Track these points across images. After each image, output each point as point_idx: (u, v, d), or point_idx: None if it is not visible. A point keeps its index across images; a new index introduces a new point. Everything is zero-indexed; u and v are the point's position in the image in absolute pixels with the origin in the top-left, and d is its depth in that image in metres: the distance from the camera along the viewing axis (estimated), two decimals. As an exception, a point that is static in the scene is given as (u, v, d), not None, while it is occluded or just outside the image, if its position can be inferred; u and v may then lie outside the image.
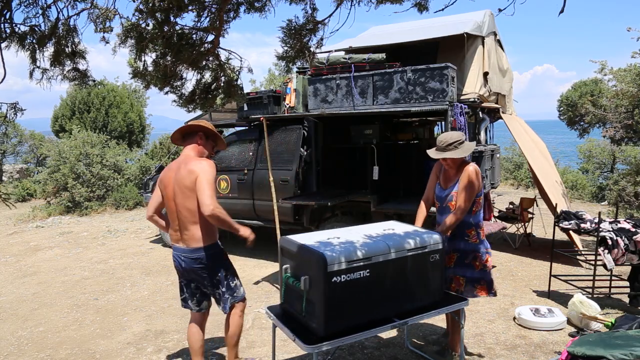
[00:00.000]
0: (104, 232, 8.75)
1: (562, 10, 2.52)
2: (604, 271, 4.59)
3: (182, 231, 2.97)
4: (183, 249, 2.98)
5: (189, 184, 2.85)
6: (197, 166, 2.86)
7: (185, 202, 2.89)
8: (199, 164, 2.88)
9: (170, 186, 2.98)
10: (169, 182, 2.99)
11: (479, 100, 5.57)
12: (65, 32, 2.62)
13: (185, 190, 2.88)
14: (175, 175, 2.94)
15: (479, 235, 3.35)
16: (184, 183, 2.87)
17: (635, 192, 9.40)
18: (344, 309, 2.64)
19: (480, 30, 5.65)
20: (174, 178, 2.96)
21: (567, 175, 13.62)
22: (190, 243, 2.95)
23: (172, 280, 5.72)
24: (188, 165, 2.89)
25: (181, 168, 2.93)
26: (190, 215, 2.90)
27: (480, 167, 5.58)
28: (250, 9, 2.71)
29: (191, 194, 2.86)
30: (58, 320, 4.57)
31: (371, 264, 2.69)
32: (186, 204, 2.89)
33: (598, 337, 2.92)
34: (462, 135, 3.31)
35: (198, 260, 2.95)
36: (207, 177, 2.81)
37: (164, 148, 14.34)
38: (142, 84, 2.78)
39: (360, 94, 5.53)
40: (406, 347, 3.76)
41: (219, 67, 2.82)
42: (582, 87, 20.17)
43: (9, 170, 16.58)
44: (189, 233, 2.94)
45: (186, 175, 2.86)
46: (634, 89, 7.69)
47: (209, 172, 2.84)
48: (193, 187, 2.83)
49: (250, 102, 6.19)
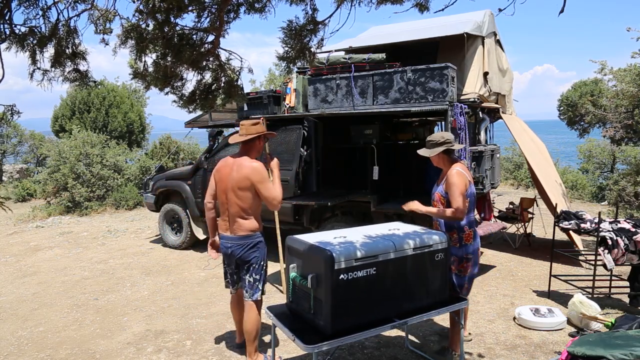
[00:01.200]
0: (104, 232, 8.75)
1: (562, 10, 2.52)
2: (604, 271, 4.59)
3: (230, 222, 3.40)
4: (230, 237, 3.41)
5: (242, 187, 3.29)
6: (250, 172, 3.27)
7: (237, 200, 3.32)
8: (253, 169, 3.29)
9: (225, 182, 3.38)
10: (224, 178, 3.39)
11: (479, 100, 5.57)
12: (65, 33, 2.62)
13: (237, 191, 3.31)
14: (230, 174, 3.35)
15: (461, 240, 3.30)
16: (236, 186, 3.31)
17: (635, 192, 9.40)
18: (350, 307, 2.66)
19: (480, 30, 5.65)
20: (229, 176, 3.35)
21: (567, 175, 13.62)
22: (237, 232, 3.38)
23: (172, 280, 5.73)
24: (242, 171, 3.29)
25: (234, 170, 3.34)
26: (240, 210, 3.34)
27: (480, 167, 5.59)
28: (250, 10, 2.72)
29: (243, 194, 3.30)
30: (58, 320, 4.58)
31: (377, 262, 2.73)
32: (237, 202, 3.33)
33: (598, 337, 2.93)
34: (442, 137, 3.38)
35: (241, 246, 3.38)
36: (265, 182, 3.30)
37: (164, 148, 14.34)
38: (142, 85, 2.79)
39: (360, 94, 5.53)
40: (406, 347, 3.76)
41: (219, 67, 2.82)
42: (582, 87, 20.15)
43: (9, 170, 16.59)
44: (235, 225, 3.38)
45: (241, 180, 3.28)
46: (634, 89, 7.69)
47: (265, 176, 3.31)
48: (245, 191, 3.29)
49: (250, 102, 6.20)
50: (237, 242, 3.38)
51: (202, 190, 6.80)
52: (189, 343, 3.98)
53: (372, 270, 2.71)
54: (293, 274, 2.91)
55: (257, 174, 3.27)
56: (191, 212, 6.92)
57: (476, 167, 5.56)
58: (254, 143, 3.44)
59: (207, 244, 3.85)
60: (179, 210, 7.10)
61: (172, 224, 7.34)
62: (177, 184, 7.09)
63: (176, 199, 7.19)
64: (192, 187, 6.90)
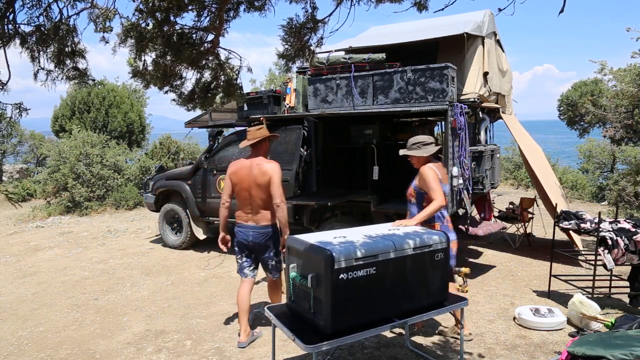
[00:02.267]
0: (104, 232, 8.75)
1: (562, 10, 2.52)
2: (604, 271, 4.59)
3: (254, 213, 3.86)
4: (253, 226, 3.86)
5: (262, 182, 3.76)
6: (269, 168, 3.78)
7: (259, 194, 3.80)
8: (270, 167, 3.79)
9: (246, 181, 3.83)
10: (245, 177, 3.84)
11: (479, 100, 5.57)
12: (65, 32, 2.62)
13: (259, 186, 3.78)
14: (250, 172, 3.82)
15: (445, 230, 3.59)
16: (258, 181, 3.78)
17: (635, 192, 9.40)
18: (350, 307, 2.65)
19: (480, 30, 5.64)
20: (249, 174, 3.82)
21: (567, 175, 13.62)
22: (260, 222, 3.85)
23: (172, 280, 5.72)
24: (262, 167, 3.79)
25: (254, 168, 3.82)
26: (262, 203, 3.82)
27: (480, 167, 5.60)
28: (250, 8, 2.71)
29: (264, 189, 3.77)
30: (58, 320, 4.57)
31: (377, 262, 2.72)
32: (260, 195, 3.81)
33: (598, 337, 2.92)
34: (427, 139, 3.76)
35: (264, 235, 3.85)
36: (278, 178, 3.76)
37: (164, 148, 14.33)
38: (141, 84, 2.78)
39: (360, 94, 5.53)
40: (406, 347, 3.76)
41: (219, 66, 2.82)
42: (582, 87, 20.13)
43: (9, 170, 16.57)
44: (259, 215, 3.84)
45: (260, 175, 3.77)
46: (634, 89, 7.68)
47: (278, 173, 3.79)
48: (265, 184, 3.75)
49: (250, 102, 6.19)
50: (259, 231, 3.85)
51: (202, 190, 6.80)
52: (189, 343, 3.98)
53: (372, 270, 2.70)
54: (293, 274, 2.91)
55: (274, 172, 3.77)
56: (191, 212, 6.91)
57: (476, 167, 5.56)
58: (262, 145, 3.93)
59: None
60: (179, 210, 7.10)
61: (172, 224, 7.34)
62: (177, 184, 7.09)
63: (176, 199, 7.19)
64: (192, 187, 6.89)
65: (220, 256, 6.69)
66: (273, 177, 3.75)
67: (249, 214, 3.90)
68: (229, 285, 5.49)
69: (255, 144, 3.91)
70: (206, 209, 6.79)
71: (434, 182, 3.56)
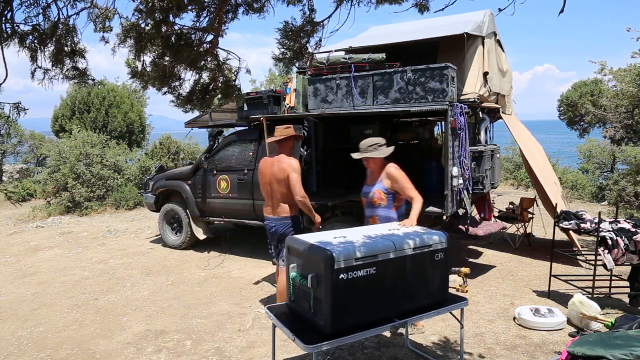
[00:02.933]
0: (104, 232, 8.75)
1: (562, 10, 2.52)
2: (604, 271, 4.59)
3: (274, 206, 4.17)
4: (275, 218, 4.17)
5: (281, 178, 4.05)
6: (287, 165, 4.05)
7: (279, 188, 4.10)
8: (288, 163, 4.06)
9: (268, 176, 4.15)
10: (267, 173, 4.17)
11: (479, 100, 5.57)
12: (64, 31, 2.62)
13: (279, 181, 4.07)
14: (271, 169, 4.13)
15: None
16: (277, 177, 4.08)
17: (635, 192, 9.39)
18: (350, 307, 2.65)
19: (480, 30, 5.64)
20: (270, 171, 4.13)
21: (567, 175, 13.60)
22: (280, 214, 4.15)
23: (172, 280, 5.73)
24: (281, 164, 4.08)
25: (275, 164, 4.12)
26: (282, 196, 4.12)
27: (480, 167, 5.59)
28: (249, 10, 2.71)
29: (283, 184, 4.05)
30: (58, 320, 4.57)
31: (377, 262, 2.73)
32: (280, 189, 4.10)
33: (598, 337, 2.92)
34: (381, 140, 3.87)
35: (284, 225, 4.13)
36: (296, 174, 4.03)
37: (164, 148, 14.32)
38: (140, 84, 2.78)
39: (360, 94, 5.53)
40: (406, 347, 3.76)
41: (217, 67, 2.82)
42: (582, 87, 20.12)
43: (9, 170, 16.56)
44: (280, 208, 4.15)
45: (279, 172, 4.06)
46: (634, 89, 7.68)
47: (297, 169, 4.06)
48: (284, 179, 4.03)
49: (250, 102, 6.18)
50: (279, 222, 4.16)
51: (202, 190, 6.80)
52: (189, 343, 3.98)
53: (372, 270, 2.70)
54: (293, 274, 2.91)
55: (291, 167, 4.04)
56: (191, 212, 6.91)
57: (476, 167, 5.56)
58: (287, 143, 4.21)
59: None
60: (179, 210, 7.10)
61: (172, 224, 7.34)
62: (177, 184, 7.09)
63: (176, 199, 7.19)
64: (192, 187, 6.89)
65: (220, 256, 6.69)
66: (291, 174, 4.02)
67: (270, 207, 4.22)
68: (229, 285, 5.49)
69: (281, 142, 4.18)
70: (206, 209, 6.79)
71: (407, 181, 3.69)
